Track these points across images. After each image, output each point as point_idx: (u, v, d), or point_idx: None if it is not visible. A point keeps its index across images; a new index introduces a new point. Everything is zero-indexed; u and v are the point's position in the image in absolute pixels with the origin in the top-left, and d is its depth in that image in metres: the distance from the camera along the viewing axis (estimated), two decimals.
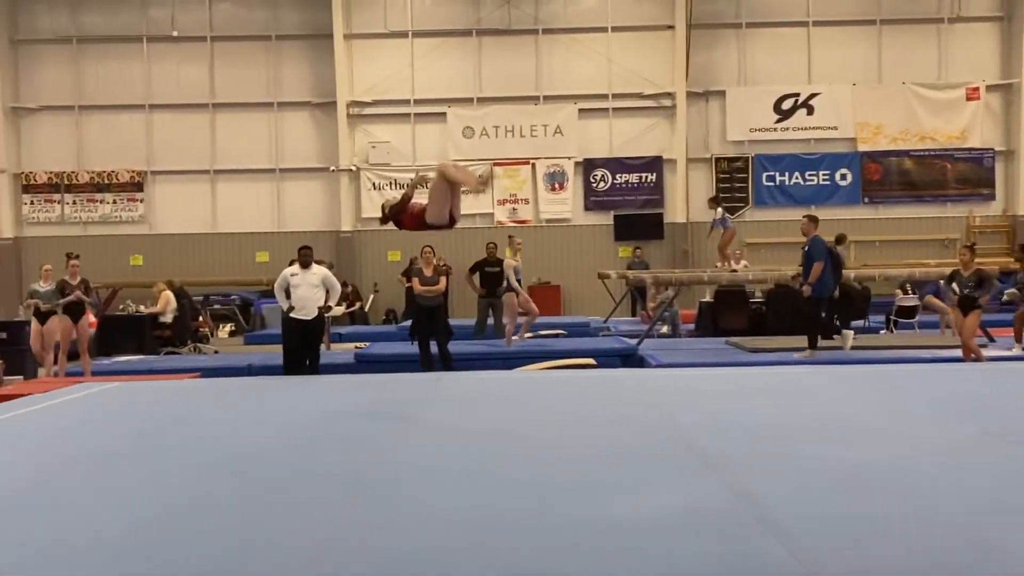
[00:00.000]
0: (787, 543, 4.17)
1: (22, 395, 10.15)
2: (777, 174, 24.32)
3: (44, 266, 14.25)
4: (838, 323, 14.95)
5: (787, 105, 24.22)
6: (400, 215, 8.22)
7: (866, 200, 24.26)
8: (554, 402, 8.69)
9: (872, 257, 22.85)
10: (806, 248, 12.78)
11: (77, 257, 13.96)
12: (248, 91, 24.34)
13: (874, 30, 24.16)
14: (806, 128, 24.23)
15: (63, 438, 7.41)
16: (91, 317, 14.51)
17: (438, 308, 13.25)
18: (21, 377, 14.86)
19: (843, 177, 24.25)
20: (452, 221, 8.10)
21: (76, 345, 13.91)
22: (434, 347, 13.21)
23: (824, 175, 24.25)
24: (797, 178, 24.32)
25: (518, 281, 14.54)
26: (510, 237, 15.44)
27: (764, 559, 4.00)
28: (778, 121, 24.24)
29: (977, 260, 12.63)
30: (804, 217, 13.50)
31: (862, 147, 24.20)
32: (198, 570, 4.04)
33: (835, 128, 24.21)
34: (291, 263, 12.61)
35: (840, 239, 15.54)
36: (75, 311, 13.32)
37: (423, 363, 13.03)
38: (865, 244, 23.73)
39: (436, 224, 8.08)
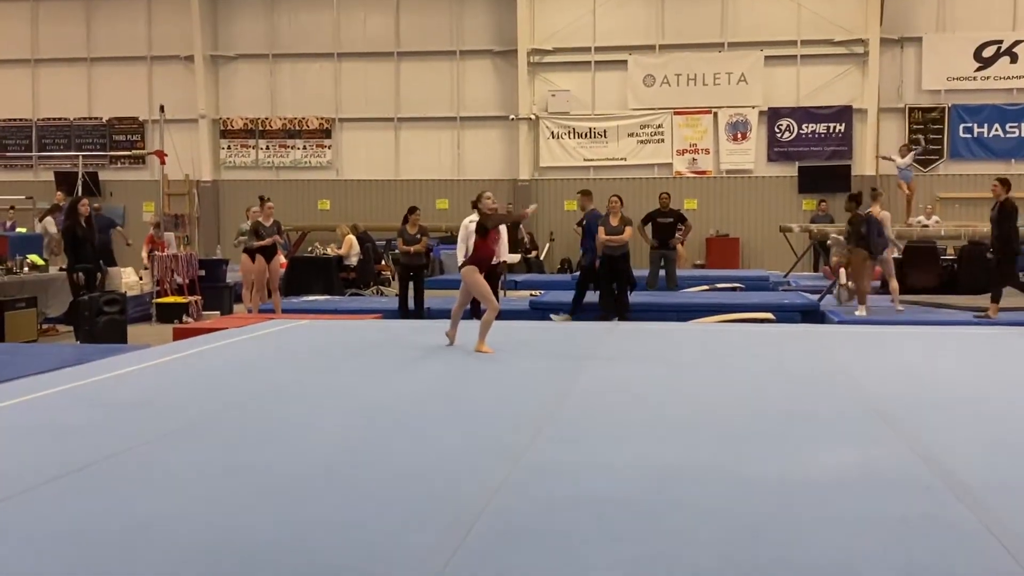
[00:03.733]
0: (972, 505, 4.03)
1: (219, 329, 10.76)
2: (975, 126, 23.03)
3: (254, 207, 14.60)
4: None
5: (988, 52, 22.83)
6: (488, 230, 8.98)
7: None
8: (730, 356, 8.60)
9: None
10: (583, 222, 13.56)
11: (270, 200, 14.52)
12: (431, 40, 24.71)
13: None
14: (1009, 77, 22.79)
15: (253, 370, 7.83)
16: (282, 258, 15.13)
17: (622, 257, 13.22)
18: (218, 312, 15.70)
19: None
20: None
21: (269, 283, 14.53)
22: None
23: None
24: (997, 130, 22.97)
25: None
26: (873, 189, 14.51)
27: (948, 521, 3.89)
28: (978, 69, 22.89)
29: None
30: (578, 193, 14.38)
31: None
32: (389, 503, 4.22)
33: None
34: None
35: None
36: (268, 252, 13.90)
37: (602, 311, 13.03)
38: None
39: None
